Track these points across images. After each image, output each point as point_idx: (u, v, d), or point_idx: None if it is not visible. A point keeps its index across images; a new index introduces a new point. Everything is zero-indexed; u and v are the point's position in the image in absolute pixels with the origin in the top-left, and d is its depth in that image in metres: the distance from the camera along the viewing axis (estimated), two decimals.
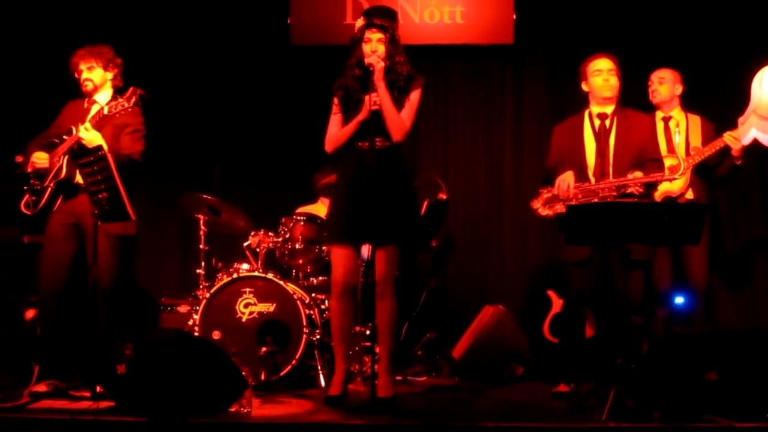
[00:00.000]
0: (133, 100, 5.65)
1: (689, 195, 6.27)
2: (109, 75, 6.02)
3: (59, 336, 5.81)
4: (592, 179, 5.81)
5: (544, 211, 5.95)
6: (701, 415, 4.63)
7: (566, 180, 5.79)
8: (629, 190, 5.66)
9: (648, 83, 6.56)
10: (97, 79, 5.97)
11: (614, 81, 5.90)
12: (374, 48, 5.36)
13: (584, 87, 6.02)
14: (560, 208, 5.84)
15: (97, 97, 6.00)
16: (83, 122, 5.77)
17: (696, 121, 6.40)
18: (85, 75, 5.96)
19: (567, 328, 6.17)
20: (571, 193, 5.77)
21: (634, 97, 7.30)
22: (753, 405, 4.71)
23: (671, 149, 6.27)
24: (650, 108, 6.54)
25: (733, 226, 7.52)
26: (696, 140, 6.32)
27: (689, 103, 6.55)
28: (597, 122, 5.93)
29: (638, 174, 5.66)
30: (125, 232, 5.83)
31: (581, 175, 5.83)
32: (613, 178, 5.74)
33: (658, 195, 6.20)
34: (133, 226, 5.81)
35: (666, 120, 6.42)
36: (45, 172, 5.82)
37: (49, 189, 5.81)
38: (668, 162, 6.20)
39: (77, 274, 5.90)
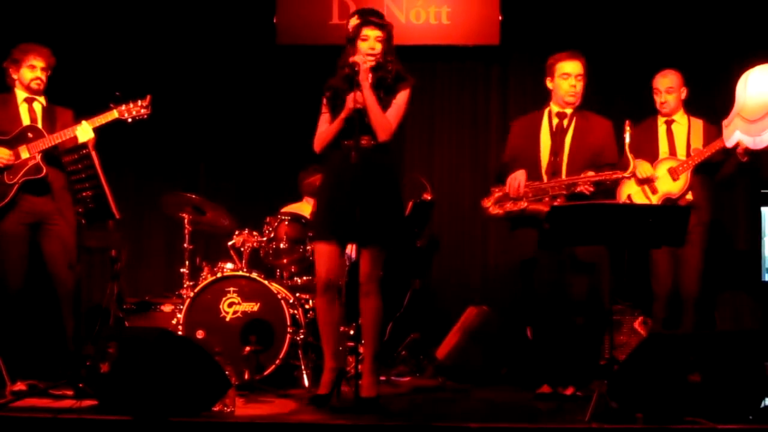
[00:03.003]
0: (150, 109, 5.76)
1: (689, 197, 6.21)
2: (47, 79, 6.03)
3: (24, 335, 5.83)
4: (545, 177, 5.81)
5: (494, 210, 5.91)
6: (684, 416, 4.64)
7: (517, 178, 5.78)
8: (579, 189, 5.67)
9: (653, 90, 6.42)
10: (45, 80, 5.97)
11: (580, 87, 5.87)
12: (372, 46, 5.34)
13: (549, 84, 5.99)
14: (510, 206, 5.82)
15: (38, 96, 6.00)
16: (17, 119, 5.87)
17: (698, 124, 6.32)
18: (38, 74, 5.92)
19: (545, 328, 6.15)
20: (521, 191, 5.76)
21: (618, 98, 7.36)
22: (736, 407, 4.73)
23: (673, 152, 6.26)
24: (643, 108, 6.55)
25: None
26: (697, 143, 6.25)
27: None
28: (555, 121, 5.91)
29: (590, 173, 5.68)
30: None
31: (534, 173, 5.82)
32: (565, 177, 5.76)
33: (657, 197, 6.20)
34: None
35: (669, 123, 6.37)
36: (5, 168, 5.78)
37: (17, 186, 5.78)
38: (668, 164, 6.20)
39: (39, 274, 5.93)
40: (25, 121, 5.89)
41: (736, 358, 4.77)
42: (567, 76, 5.85)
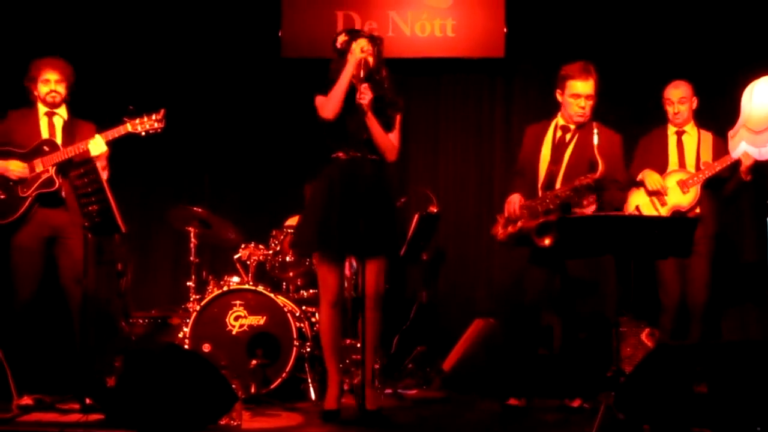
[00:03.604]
0: (164, 122, 5.76)
1: (697, 210, 6.20)
2: (67, 91, 6.04)
3: (35, 348, 5.83)
4: (540, 192, 5.75)
5: (502, 235, 5.87)
6: (691, 427, 4.64)
7: (512, 202, 5.76)
8: (563, 200, 5.60)
9: (665, 101, 6.40)
10: (63, 93, 5.99)
11: (589, 107, 5.74)
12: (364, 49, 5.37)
13: (558, 97, 5.88)
14: (510, 229, 5.79)
15: (58, 110, 6.03)
16: (37, 132, 5.92)
17: (708, 138, 6.32)
18: (53, 87, 5.97)
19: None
20: (518, 213, 5.73)
21: (623, 108, 7.36)
22: (743, 418, 4.71)
23: (682, 163, 6.26)
24: (649, 117, 6.56)
25: None
26: (707, 156, 6.26)
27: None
28: (559, 134, 5.85)
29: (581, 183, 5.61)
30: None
31: (533, 185, 5.79)
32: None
33: (667, 209, 6.17)
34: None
35: (679, 134, 6.37)
36: (20, 181, 5.81)
37: (30, 199, 5.81)
38: (678, 176, 6.20)
39: (52, 287, 5.94)
40: (44, 135, 5.94)
41: (743, 368, 4.76)
42: (577, 97, 5.74)
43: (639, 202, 6.27)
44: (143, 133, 5.83)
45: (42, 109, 6.01)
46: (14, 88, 6.19)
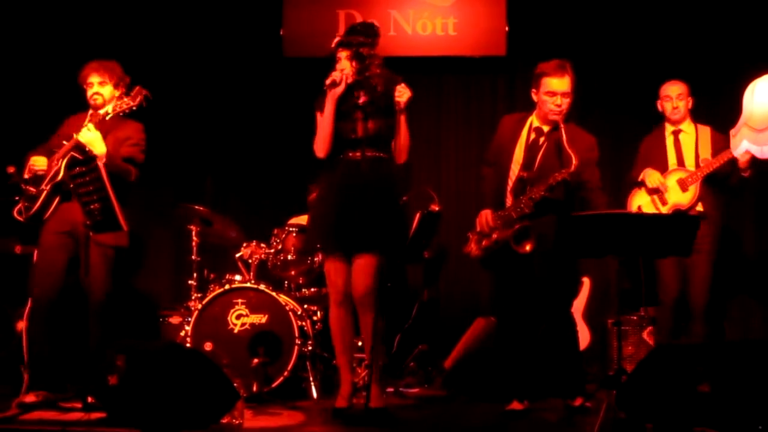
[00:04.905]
0: (138, 99, 5.66)
1: (699, 208, 6.19)
2: (117, 93, 5.97)
3: (49, 346, 5.80)
4: (509, 196, 5.63)
5: (476, 252, 5.81)
6: (693, 427, 4.63)
7: (484, 216, 5.69)
8: (537, 199, 5.48)
9: (662, 98, 6.41)
10: (107, 95, 5.94)
11: (566, 105, 5.55)
12: (342, 66, 5.38)
13: (533, 96, 5.70)
14: (485, 243, 5.72)
15: (103, 112, 6.00)
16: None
17: (706, 132, 6.33)
18: (95, 89, 5.93)
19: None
20: (491, 224, 5.66)
21: (623, 108, 7.36)
22: (745, 417, 4.71)
23: (681, 162, 6.26)
24: (647, 117, 6.56)
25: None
26: (706, 152, 6.26)
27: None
28: (532, 136, 5.67)
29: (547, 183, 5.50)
30: (117, 243, 5.80)
31: (502, 184, 5.67)
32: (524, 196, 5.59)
33: (667, 208, 6.17)
34: (125, 237, 5.79)
35: (676, 133, 6.38)
36: (42, 176, 5.79)
37: (45, 192, 5.78)
38: (678, 175, 6.19)
39: (72, 284, 5.90)
40: None
41: (745, 367, 4.76)
42: (552, 95, 5.55)
43: (641, 203, 6.28)
44: (121, 113, 5.75)
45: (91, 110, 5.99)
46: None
